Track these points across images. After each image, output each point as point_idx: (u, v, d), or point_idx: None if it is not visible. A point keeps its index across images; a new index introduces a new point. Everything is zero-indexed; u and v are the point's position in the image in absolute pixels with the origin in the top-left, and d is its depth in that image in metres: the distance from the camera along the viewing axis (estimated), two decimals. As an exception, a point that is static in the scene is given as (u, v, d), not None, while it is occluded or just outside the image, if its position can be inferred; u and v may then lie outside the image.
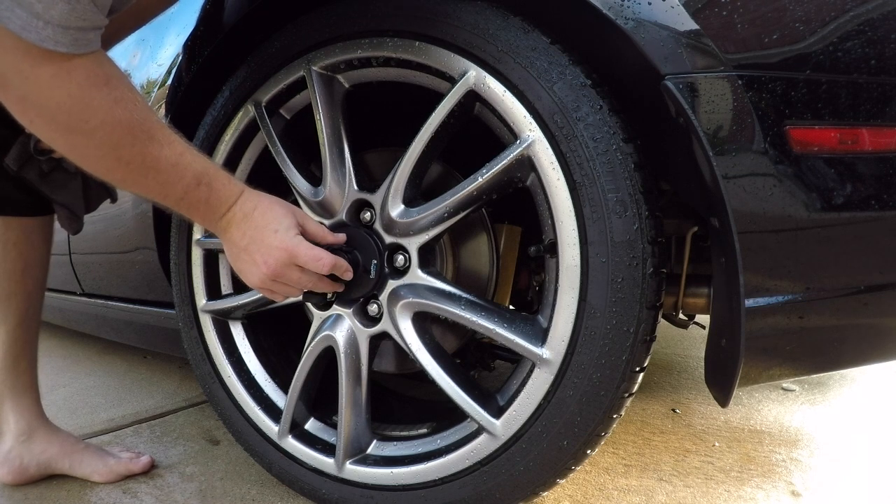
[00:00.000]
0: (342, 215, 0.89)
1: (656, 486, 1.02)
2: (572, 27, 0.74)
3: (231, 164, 1.01)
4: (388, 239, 0.85)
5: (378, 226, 0.86)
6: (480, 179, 0.76)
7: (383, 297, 0.86)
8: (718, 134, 0.61)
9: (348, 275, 0.81)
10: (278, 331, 1.12)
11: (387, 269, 0.85)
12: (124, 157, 0.66)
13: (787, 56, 0.60)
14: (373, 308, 0.88)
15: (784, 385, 1.60)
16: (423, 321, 0.85)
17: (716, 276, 0.76)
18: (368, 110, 1.04)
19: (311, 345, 0.92)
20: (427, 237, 0.82)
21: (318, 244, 0.79)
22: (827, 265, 0.63)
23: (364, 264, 0.85)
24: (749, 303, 0.63)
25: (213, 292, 1.07)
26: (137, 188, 0.71)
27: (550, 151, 0.71)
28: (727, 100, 0.61)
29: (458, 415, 0.84)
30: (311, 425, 0.98)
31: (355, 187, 0.88)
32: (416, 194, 0.85)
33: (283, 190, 0.93)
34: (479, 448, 0.79)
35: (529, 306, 1.07)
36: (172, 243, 1.09)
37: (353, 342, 0.89)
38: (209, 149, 1.01)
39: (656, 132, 0.74)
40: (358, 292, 0.87)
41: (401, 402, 1.19)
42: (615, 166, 0.68)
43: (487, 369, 1.11)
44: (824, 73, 0.60)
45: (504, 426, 0.76)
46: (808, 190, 0.61)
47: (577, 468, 0.78)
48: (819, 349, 0.69)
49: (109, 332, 1.68)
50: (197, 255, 1.06)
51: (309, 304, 0.94)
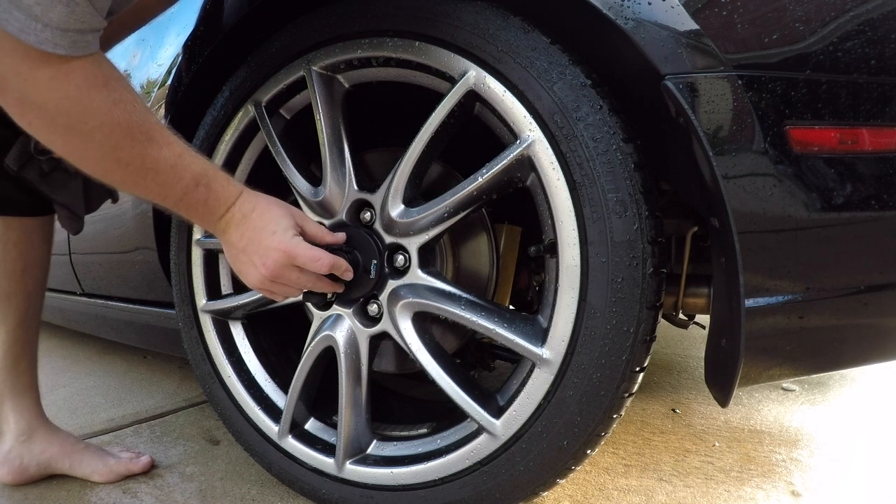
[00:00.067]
0: (342, 215, 0.89)
1: (656, 486, 1.02)
2: (572, 27, 0.74)
3: (231, 164, 1.01)
4: (388, 239, 0.85)
5: (378, 226, 0.86)
6: (480, 179, 0.76)
7: (383, 297, 0.86)
8: (718, 134, 0.61)
9: (348, 275, 0.81)
10: (278, 331, 1.12)
11: (387, 269, 0.85)
12: (123, 158, 0.66)
13: (787, 56, 0.60)
14: (373, 308, 0.88)
15: (784, 385, 1.60)
16: (423, 321, 0.85)
17: (716, 276, 0.76)
18: (368, 110, 1.04)
19: (311, 345, 0.92)
20: (427, 237, 0.82)
21: (317, 244, 0.79)
22: (827, 265, 0.63)
23: (364, 264, 0.85)
24: (749, 303, 0.63)
25: (213, 292, 1.07)
26: (136, 189, 0.71)
27: (550, 151, 0.71)
28: (727, 100, 0.61)
29: (458, 415, 0.84)
30: (311, 425, 0.98)
31: (355, 187, 0.88)
32: (416, 194, 0.85)
33: (283, 190, 0.93)
34: (479, 448, 0.79)
35: (529, 306, 1.07)
36: (172, 243, 1.09)
37: (353, 342, 0.89)
38: (209, 149, 1.01)
39: (656, 132, 0.74)
40: (358, 292, 0.87)
41: (401, 402, 1.19)
42: (615, 166, 0.68)
43: (487, 369, 1.11)
44: (824, 73, 0.60)
45: (504, 426, 0.76)
46: (808, 190, 0.61)
47: (577, 468, 0.78)
48: (819, 349, 0.69)
49: (109, 332, 1.68)
50: (197, 255, 1.06)
51: (309, 304, 0.94)
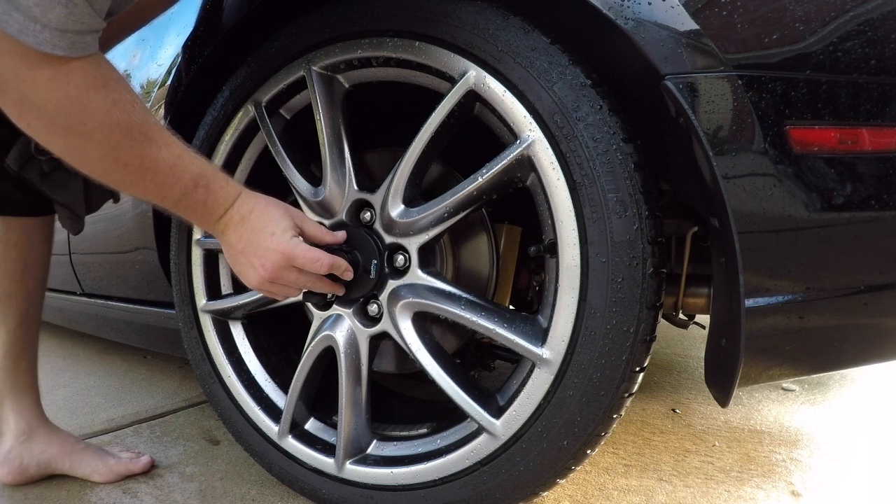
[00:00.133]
0: (342, 215, 0.89)
1: (656, 486, 1.02)
2: (572, 27, 0.74)
3: (231, 165, 1.01)
4: (388, 239, 0.85)
5: (378, 226, 0.86)
6: (480, 179, 0.76)
7: (383, 297, 0.86)
8: (718, 134, 0.61)
9: (348, 275, 0.81)
10: (278, 331, 1.12)
11: (387, 269, 0.85)
12: (122, 158, 0.66)
13: (787, 56, 0.60)
14: (373, 308, 0.88)
15: (784, 385, 1.60)
16: (423, 321, 0.85)
17: (716, 276, 0.76)
18: (368, 110, 1.04)
19: (311, 345, 0.92)
20: (427, 237, 0.82)
21: (316, 244, 0.79)
22: (827, 265, 0.63)
23: (364, 264, 0.85)
24: (749, 303, 0.63)
25: (213, 292, 1.07)
26: (135, 190, 0.71)
27: (550, 151, 0.71)
28: (727, 100, 0.61)
29: (458, 415, 0.84)
30: (311, 425, 0.98)
31: (355, 187, 0.88)
32: (416, 194, 0.85)
33: (283, 190, 0.93)
34: (479, 448, 0.79)
35: (529, 306, 1.07)
36: (172, 243, 1.09)
37: (353, 342, 0.89)
38: (209, 149, 1.01)
39: (656, 132, 0.74)
40: (358, 292, 0.87)
41: (401, 402, 1.19)
42: (615, 166, 0.68)
43: (487, 369, 1.11)
44: (824, 73, 0.60)
45: (504, 426, 0.76)
46: (808, 190, 0.61)
47: (577, 468, 0.78)
48: (819, 349, 0.69)
49: (109, 332, 1.68)
50: (197, 255, 1.06)
51: (309, 304, 0.94)
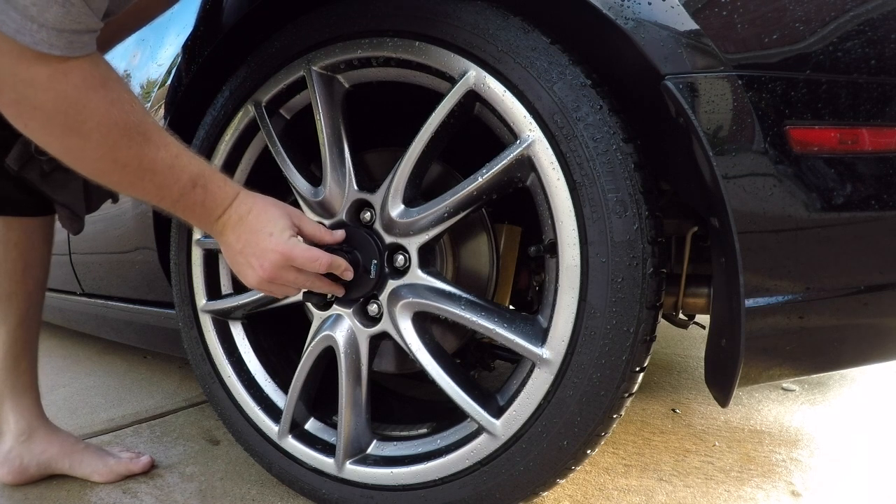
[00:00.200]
0: (342, 215, 0.89)
1: (656, 486, 1.02)
2: (572, 27, 0.74)
3: (231, 165, 1.01)
4: (388, 239, 0.85)
5: (378, 226, 0.86)
6: (480, 179, 0.76)
7: (383, 297, 0.86)
8: (718, 134, 0.61)
9: (348, 274, 0.81)
10: (278, 331, 1.12)
11: (387, 269, 0.85)
12: (120, 159, 0.66)
13: (787, 56, 0.60)
14: (373, 308, 0.88)
15: (784, 385, 1.60)
16: (423, 321, 0.85)
17: (716, 276, 0.76)
18: (368, 110, 1.04)
19: (311, 345, 0.92)
20: (427, 237, 0.82)
21: (315, 244, 0.79)
22: (827, 265, 0.63)
23: (364, 264, 0.85)
24: (749, 303, 0.63)
25: (213, 292, 1.07)
26: (133, 191, 0.71)
27: (550, 151, 0.71)
28: (727, 100, 0.61)
29: (458, 415, 0.84)
30: (311, 425, 0.98)
31: (355, 187, 0.88)
32: (416, 194, 0.85)
33: (283, 190, 0.93)
34: (479, 448, 0.79)
35: (529, 306, 1.07)
36: (172, 243, 1.09)
37: (353, 342, 0.89)
38: (209, 149, 1.01)
39: (656, 132, 0.74)
40: (358, 292, 0.86)
41: (401, 402, 1.19)
42: (615, 166, 0.68)
43: (487, 369, 1.11)
44: (824, 73, 0.60)
45: (504, 426, 0.76)
46: (808, 190, 0.61)
47: (577, 468, 0.78)
48: (819, 349, 0.69)
49: (109, 332, 1.68)
50: (197, 255, 1.06)
51: (309, 304, 0.94)
